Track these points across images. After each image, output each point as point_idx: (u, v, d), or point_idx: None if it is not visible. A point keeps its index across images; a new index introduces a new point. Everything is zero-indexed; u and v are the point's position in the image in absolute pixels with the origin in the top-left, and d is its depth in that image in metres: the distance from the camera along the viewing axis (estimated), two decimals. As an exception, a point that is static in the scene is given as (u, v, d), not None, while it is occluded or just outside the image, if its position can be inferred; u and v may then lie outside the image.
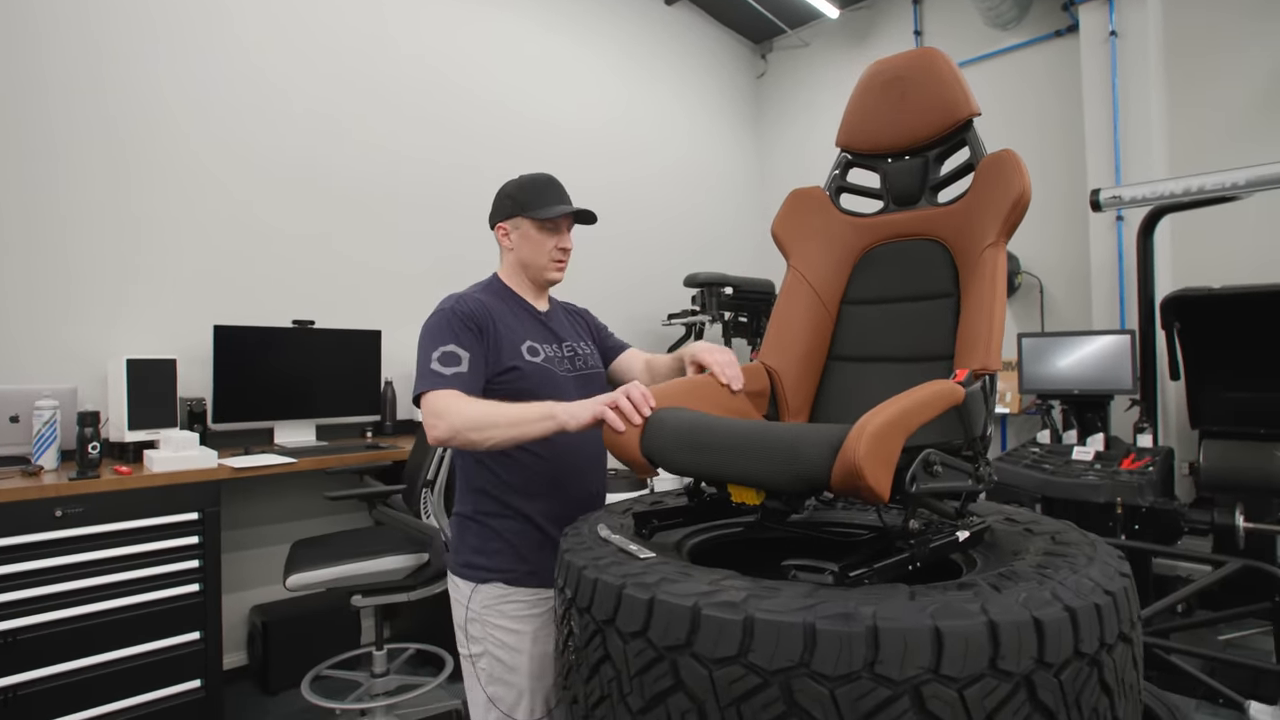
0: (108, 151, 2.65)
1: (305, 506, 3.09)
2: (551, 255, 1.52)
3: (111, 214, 2.66)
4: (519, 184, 1.53)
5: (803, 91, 5.48)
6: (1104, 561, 0.92)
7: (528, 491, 1.44)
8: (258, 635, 2.79)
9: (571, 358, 1.54)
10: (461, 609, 1.45)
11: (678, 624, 0.80)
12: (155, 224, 2.75)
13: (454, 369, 1.33)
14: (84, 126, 2.60)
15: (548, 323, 1.56)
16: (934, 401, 0.97)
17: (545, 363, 1.47)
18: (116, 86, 2.67)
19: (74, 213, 2.58)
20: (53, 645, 2.00)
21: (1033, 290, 4.24)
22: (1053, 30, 4.22)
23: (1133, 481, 2.75)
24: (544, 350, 1.48)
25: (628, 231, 4.59)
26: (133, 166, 2.70)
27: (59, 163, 2.55)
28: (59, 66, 2.55)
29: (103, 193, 2.64)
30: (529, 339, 1.47)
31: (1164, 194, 3.08)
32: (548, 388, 1.43)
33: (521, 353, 1.44)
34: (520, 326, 1.48)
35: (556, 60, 4.27)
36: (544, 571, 1.40)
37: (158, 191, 2.76)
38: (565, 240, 1.53)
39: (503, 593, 1.41)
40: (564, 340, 1.55)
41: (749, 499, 1.02)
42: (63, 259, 2.55)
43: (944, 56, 1.44)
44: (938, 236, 1.43)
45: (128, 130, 2.70)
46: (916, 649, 0.72)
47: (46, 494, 2.03)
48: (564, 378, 1.49)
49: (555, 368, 1.48)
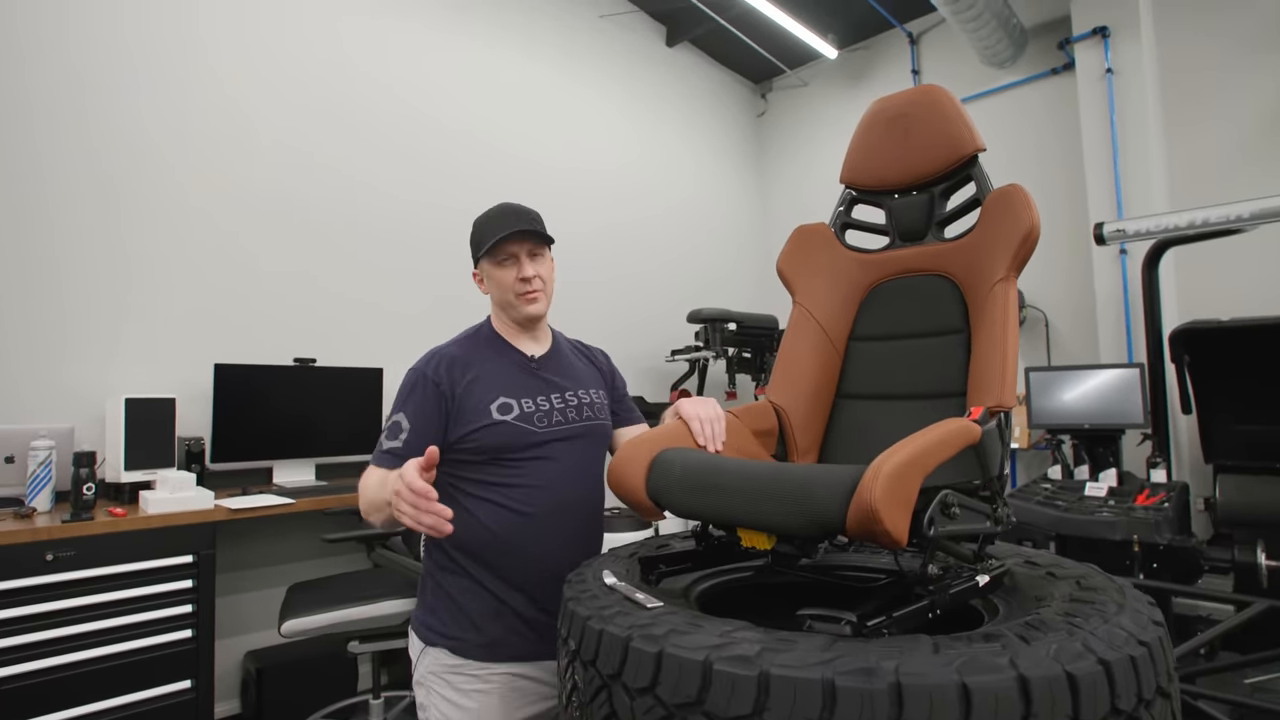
0: (95, 186, 2.65)
1: (303, 548, 3.03)
2: (515, 289, 1.38)
3: (104, 252, 2.65)
4: (475, 224, 1.43)
5: (802, 130, 5.55)
6: (1135, 609, 0.87)
7: (482, 555, 1.31)
8: (251, 683, 2.71)
9: (563, 409, 1.39)
10: (413, 668, 1.38)
11: (688, 680, 0.76)
12: (148, 261, 2.74)
13: (391, 443, 1.30)
14: (70, 162, 2.59)
15: (539, 371, 1.42)
16: (950, 440, 0.94)
17: (519, 420, 1.33)
18: (99, 120, 2.66)
19: (67, 250, 2.57)
20: (41, 695, 1.94)
21: (1038, 324, 4.23)
22: (1049, 68, 4.28)
23: (1149, 518, 2.69)
24: (520, 405, 1.35)
25: (632, 271, 4.61)
26: (122, 203, 2.70)
27: (49, 199, 2.53)
28: (43, 97, 2.55)
29: (94, 230, 2.63)
30: (503, 395, 1.34)
31: (1168, 227, 3.08)
32: (522, 448, 1.33)
33: (490, 411, 1.32)
34: (498, 379, 1.37)
35: (561, 104, 4.33)
36: (501, 645, 1.30)
37: (148, 229, 2.75)
38: (524, 268, 1.37)
39: (451, 662, 1.30)
40: (560, 390, 1.41)
41: (760, 543, 0.98)
42: (58, 297, 2.54)
43: (947, 93, 1.45)
44: (946, 272, 1.41)
45: (113, 165, 2.69)
46: (943, 707, 0.68)
47: (39, 537, 1.98)
48: (544, 434, 1.35)
49: (534, 425, 1.34)
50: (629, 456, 1.13)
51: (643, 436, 1.20)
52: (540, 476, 1.34)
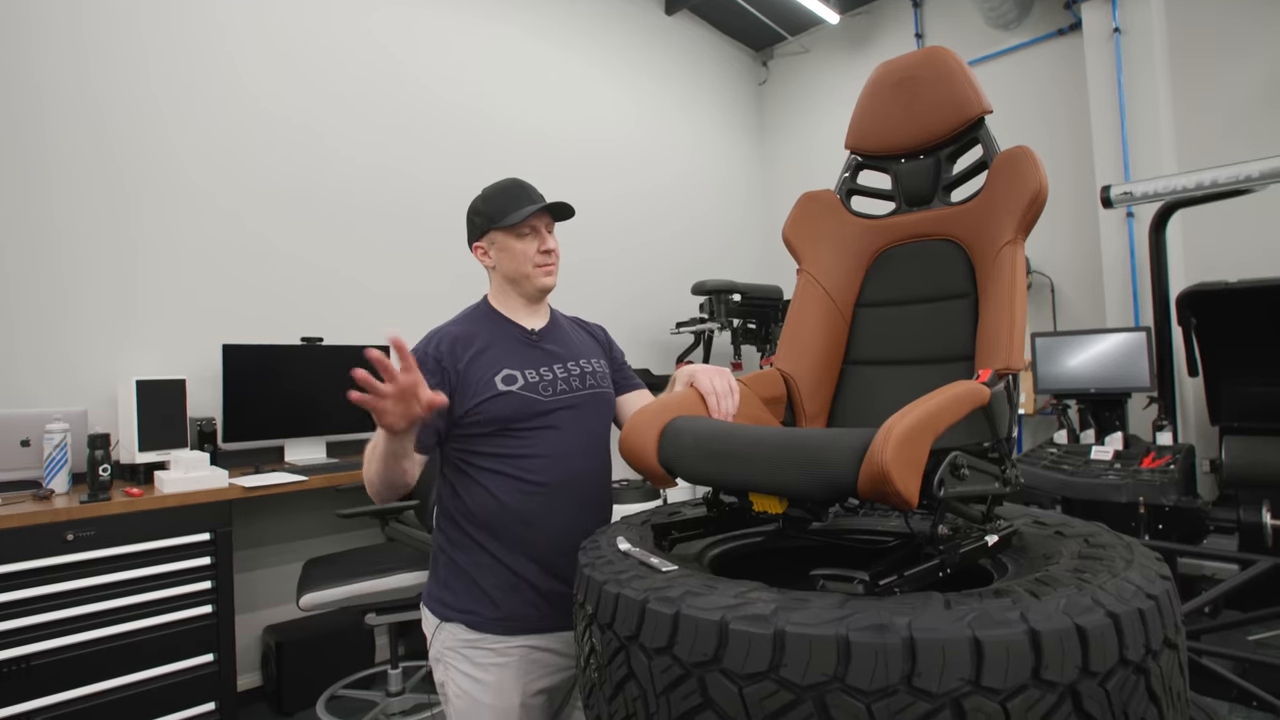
0: (103, 171, 2.65)
1: (316, 525, 3.07)
2: (535, 261, 1.41)
3: (110, 236, 2.65)
4: (484, 197, 1.43)
5: (805, 97, 5.48)
6: (1143, 564, 0.89)
7: (495, 528, 1.33)
8: (271, 656, 2.77)
9: (566, 378, 1.41)
10: (428, 645, 1.39)
11: (705, 639, 0.77)
12: (154, 244, 2.75)
13: None
14: (78, 147, 2.60)
15: (540, 343, 1.44)
16: (960, 402, 0.95)
17: (524, 390, 1.35)
18: (110, 104, 2.67)
19: (75, 235, 2.58)
20: (67, 671, 1.99)
21: (1044, 289, 4.21)
22: (1055, 29, 4.21)
23: (1155, 480, 2.71)
24: (524, 376, 1.37)
25: (635, 244, 4.59)
26: (130, 188, 2.70)
27: (56, 184, 2.54)
28: (50, 79, 2.55)
29: (101, 213, 2.64)
30: (507, 366, 1.36)
31: (1175, 189, 3.05)
32: (528, 417, 1.34)
33: (495, 383, 1.34)
34: (501, 353, 1.38)
35: (561, 76, 4.29)
36: (518, 619, 1.31)
37: (155, 212, 2.75)
38: (546, 241, 1.42)
39: (467, 636, 1.32)
40: (561, 360, 1.43)
41: (772, 507, 0.99)
42: (66, 281, 2.55)
43: (953, 55, 1.43)
44: (953, 236, 1.41)
45: (122, 149, 2.69)
46: (956, 660, 0.69)
47: (58, 518, 2.02)
48: (550, 403, 1.37)
49: (539, 394, 1.36)
50: (640, 425, 1.14)
51: (654, 405, 1.21)
52: (548, 446, 1.36)
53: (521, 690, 1.32)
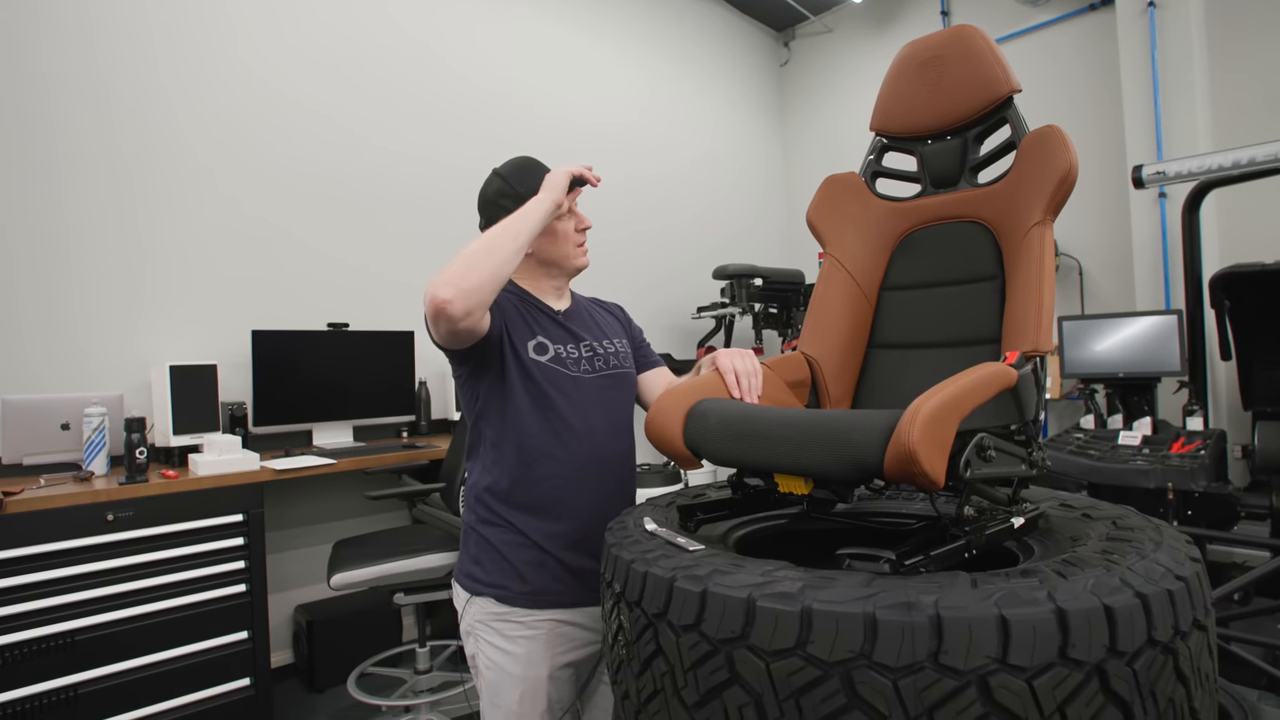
0: (141, 169, 2.71)
1: (345, 506, 3.14)
2: (575, 240, 1.43)
3: (145, 229, 2.72)
4: (504, 178, 1.41)
5: (827, 78, 5.41)
6: (1172, 546, 0.88)
7: (524, 505, 1.35)
8: (303, 634, 2.84)
9: (591, 358, 1.43)
10: (460, 619, 1.42)
11: (732, 616, 0.79)
12: (188, 235, 2.81)
13: None
14: (119, 141, 2.66)
15: (565, 322, 1.45)
16: (987, 384, 0.95)
17: (553, 362, 1.37)
18: (134, 93, 2.72)
19: (112, 229, 2.64)
20: (109, 646, 2.06)
21: (1071, 272, 4.14)
22: (1086, 4, 4.11)
23: (1184, 466, 2.67)
24: (553, 349, 1.38)
25: (655, 227, 4.58)
26: (155, 180, 2.75)
27: (78, 177, 2.59)
28: (106, 73, 2.61)
29: (139, 209, 2.70)
30: (540, 335, 1.38)
31: (1210, 168, 2.98)
32: (556, 388, 1.36)
33: (529, 348, 1.35)
34: (531, 325, 1.39)
35: (582, 59, 4.28)
36: (546, 594, 1.34)
37: (188, 206, 2.81)
38: (583, 219, 1.44)
39: (497, 610, 1.34)
40: (583, 339, 1.45)
41: (797, 489, 1.00)
42: (104, 272, 2.62)
43: (981, 33, 1.41)
44: (980, 218, 1.39)
45: (151, 147, 2.74)
46: (982, 638, 0.70)
47: (99, 499, 2.08)
48: (575, 378, 1.38)
49: (566, 368, 1.38)
50: (665, 407, 1.15)
51: (679, 388, 1.22)
52: (576, 424, 1.37)
53: (549, 663, 1.35)
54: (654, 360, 1.60)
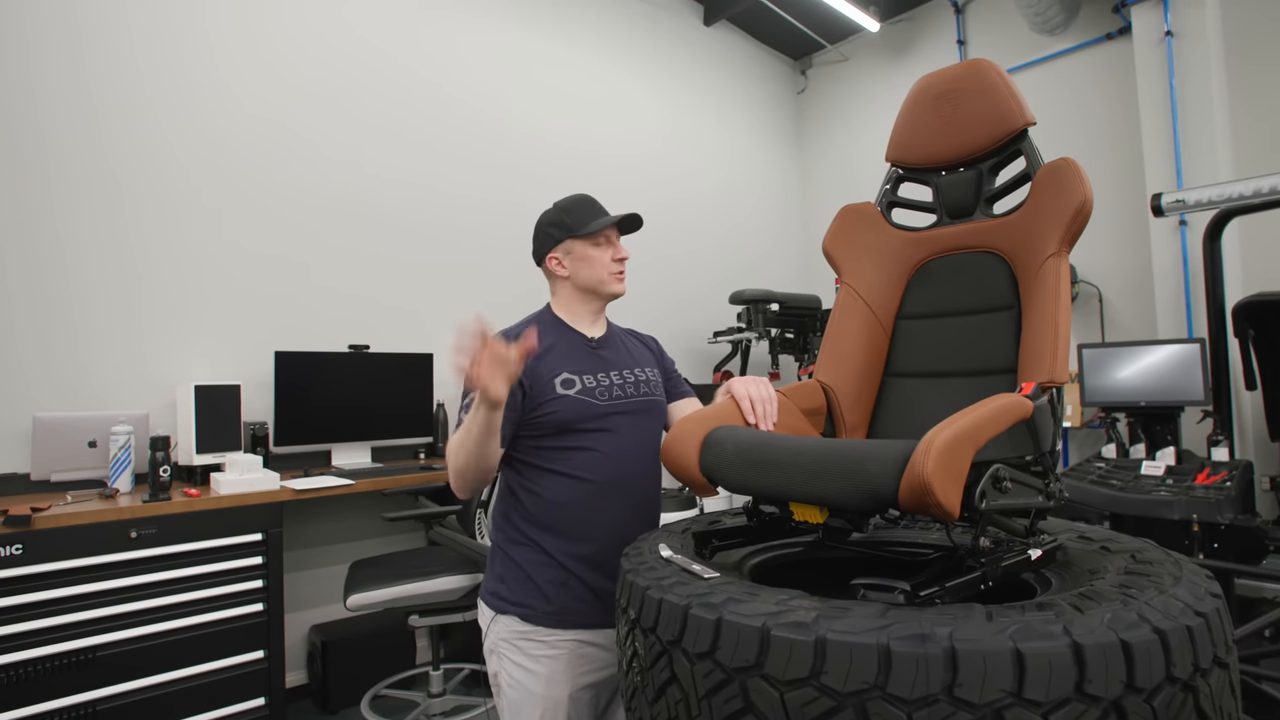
0: (171, 192, 2.79)
1: (361, 528, 3.16)
2: (610, 269, 1.51)
3: (181, 251, 2.80)
4: (559, 210, 1.52)
5: (844, 106, 5.46)
6: (1192, 581, 0.88)
7: (550, 526, 1.39)
8: (317, 654, 2.85)
9: (622, 385, 1.47)
10: (484, 637, 1.45)
11: (746, 645, 0.79)
12: (214, 259, 2.88)
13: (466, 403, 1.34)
14: (140, 161, 2.74)
15: (598, 351, 1.51)
16: (1002, 415, 0.95)
17: (581, 394, 1.41)
18: (170, 115, 2.81)
19: (142, 251, 2.72)
20: (129, 662, 2.08)
21: (1091, 299, 4.11)
22: (1103, 33, 4.12)
23: (1209, 497, 2.62)
24: (582, 381, 1.43)
25: (674, 252, 4.62)
26: (182, 204, 2.82)
27: (115, 204, 2.67)
28: (146, 93, 2.70)
29: (170, 233, 2.78)
30: (566, 370, 1.42)
31: (1231, 196, 2.96)
32: (585, 420, 1.40)
33: (554, 386, 1.40)
34: (562, 358, 1.44)
35: (602, 89, 4.35)
36: (570, 614, 1.37)
37: (220, 230, 2.89)
38: (620, 250, 1.53)
39: (520, 629, 1.37)
40: (616, 368, 1.49)
41: (812, 517, 1.00)
42: (132, 293, 2.69)
43: (995, 67, 1.43)
44: (995, 248, 1.40)
45: (178, 166, 2.82)
46: (997, 672, 0.69)
47: (123, 516, 2.12)
48: (605, 407, 1.43)
49: (595, 399, 1.42)
50: (682, 434, 1.16)
51: (695, 415, 1.23)
52: (603, 449, 1.41)
53: (571, 683, 1.36)
54: (684, 390, 1.64)
